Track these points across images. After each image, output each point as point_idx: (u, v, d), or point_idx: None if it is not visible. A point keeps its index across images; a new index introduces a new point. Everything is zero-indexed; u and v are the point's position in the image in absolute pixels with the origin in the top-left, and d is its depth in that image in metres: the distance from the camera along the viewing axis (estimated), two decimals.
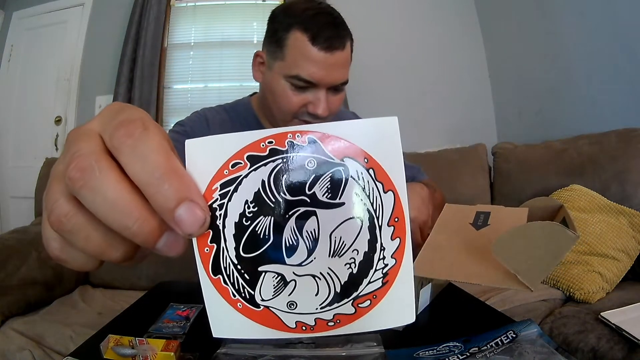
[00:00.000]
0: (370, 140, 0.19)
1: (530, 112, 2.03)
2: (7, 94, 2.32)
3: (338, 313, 0.20)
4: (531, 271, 0.40)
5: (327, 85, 0.69)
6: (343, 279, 0.20)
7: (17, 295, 1.21)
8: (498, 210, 0.56)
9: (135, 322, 0.55)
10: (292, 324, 0.20)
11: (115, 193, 0.17)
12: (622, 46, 1.50)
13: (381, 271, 0.20)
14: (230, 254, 0.19)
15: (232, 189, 0.19)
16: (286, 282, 0.20)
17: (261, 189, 0.19)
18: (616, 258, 1.19)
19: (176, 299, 0.60)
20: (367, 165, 0.19)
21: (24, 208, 2.08)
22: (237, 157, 0.19)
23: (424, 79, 2.29)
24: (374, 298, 0.20)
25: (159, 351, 0.42)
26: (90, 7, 2.28)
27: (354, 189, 0.19)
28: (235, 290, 0.20)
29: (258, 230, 0.19)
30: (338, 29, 0.68)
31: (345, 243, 0.19)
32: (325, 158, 0.19)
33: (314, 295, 0.20)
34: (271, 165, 0.19)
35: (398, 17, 2.32)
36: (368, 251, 0.20)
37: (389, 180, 0.19)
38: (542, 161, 1.54)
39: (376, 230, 0.19)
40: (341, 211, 0.19)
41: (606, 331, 0.91)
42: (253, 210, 0.19)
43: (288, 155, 0.19)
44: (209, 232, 0.19)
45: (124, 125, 0.17)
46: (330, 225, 0.19)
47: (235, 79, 2.28)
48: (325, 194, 0.19)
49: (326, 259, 0.20)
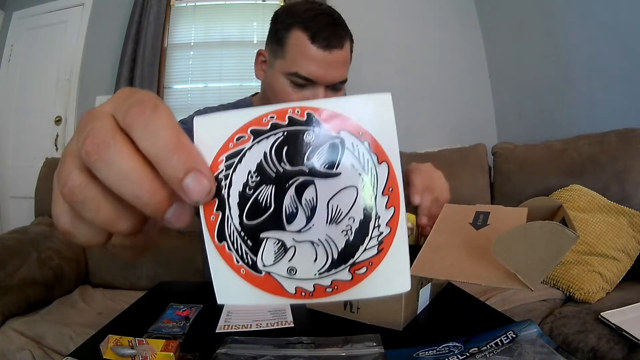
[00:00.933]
0: (365, 115, 0.20)
1: (530, 112, 2.03)
2: (7, 94, 2.33)
3: (336, 279, 0.21)
4: (531, 271, 0.40)
5: (326, 83, 0.71)
6: (340, 246, 0.21)
7: (17, 295, 1.21)
8: (497, 210, 0.56)
9: (135, 322, 0.55)
10: (292, 289, 0.21)
11: (129, 166, 0.18)
12: (622, 46, 1.50)
13: (377, 239, 0.21)
14: (234, 221, 0.20)
15: (236, 160, 0.20)
16: (286, 248, 0.21)
17: (263, 160, 0.20)
18: (616, 258, 1.19)
19: (176, 299, 0.61)
20: (362, 138, 0.20)
21: (24, 208, 2.08)
22: (241, 131, 0.20)
23: (424, 79, 2.29)
24: (370, 265, 0.21)
25: (159, 351, 0.42)
26: (90, 7, 2.28)
27: (350, 160, 0.20)
28: (239, 256, 0.21)
29: (260, 199, 0.20)
30: (337, 29, 0.70)
31: (342, 211, 0.20)
32: (322, 131, 0.20)
33: (312, 262, 0.21)
34: (272, 138, 0.20)
35: (398, 17, 2.32)
36: (364, 219, 0.20)
37: (383, 152, 0.20)
38: (542, 161, 1.54)
39: (371, 199, 0.20)
40: (338, 180, 0.20)
41: (606, 331, 0.91)
42: (256, 180, 0.20)
43: (288, 129, 0.20)
44: (215, 200, 0.20)
45: (135, 105, 0.19)
46: (328, 194, 0.20)
47: (235, 79, 2.28)
48: (323, 164, 0.20)
49: (324, 226, 0.21)
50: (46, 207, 1.68)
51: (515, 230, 0.43)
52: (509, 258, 0.41)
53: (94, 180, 0.19)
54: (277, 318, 0.55)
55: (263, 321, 0.54)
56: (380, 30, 2.22)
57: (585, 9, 1.64)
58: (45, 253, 1.39)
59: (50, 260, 1.39)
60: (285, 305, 0.58)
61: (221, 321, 0.54)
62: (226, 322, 0.54)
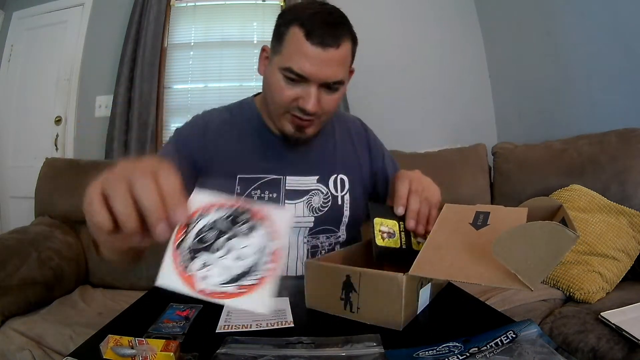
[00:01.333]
0: (277, 218, 0.39)
1: (530, 112, 2.03)
2: (7, 94, 2.33)
3: (226, 291, 0.36)
4: (531, 271, 0.40)
5: (319, 82, 0.70)
6: (237, 273, 0.37)
7: (17, 295, 1.21)
8: (498, 210, 0.56)
9: (135, 322, 0.55)
10: (201, 287, 0.36)
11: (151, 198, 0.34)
12: (622, 46, 1.50)
13: (257, 275, 0.36)
14: (189, 241, 0.37)
15: (201, 217, 0.38)
16: (207, 264, 0.37)
17: (215, 221, 0.38)
18: (616, 258, 1.19)
19: (176, 299, 0.60)
20: (269, 228, 0.38)
21: (24, 208, 2.08)
22: (212, 205, 0.39)
23: (424, 79, 2.29)
24: (248, 288, 0.36)
25: (159, 351, 0.42)
26: (90, 7, 2.28)
27: (259, 233, 0.38)
28: (182, 260, 0.37)
29: (206, 236, 0.38)
30: (334, 28, 0.70)
31: (246, 255, 0.37)
32: (249, 216, 0.39)
33: (219, 276, 0.36)
34: (223, 212, 0.39)
35: (398, 17, 2.32)
36: (255, 264, 0.37)
37: (277, 236, 0.38)
38: (542, 161, 1.54)
39: (262, 256, 0.37)
40: (249, 240, 0.38)
41: (606, 331, 0.91)
42: (208, 228, 0.38)
43: (230, 212, 0.39)
44: (186, 227, 0.37)
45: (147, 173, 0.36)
46: (241, 245, 0.38)
47: (235, 79, 2.29)
48: (245, 230, 0.38)
49: (233, 259, 0.37)
50: (46, 207, 1.68)
51: (515, 231, 0.43)
52: (509, 258, 0.41)
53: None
54: (277, 318, 0.55)
55: (263, 321, 0.54)
56: (380, 30, 2.22)
57: (585, 9, 1.64)
58: (45, 253, 1.39)
59: (50, 260, 1.39)
60: (286, 306, 0.59)
61: (221, 321, 0.54)
62: (226, 322, 0.54)
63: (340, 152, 0.89)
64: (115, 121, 2.09)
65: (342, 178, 0.86)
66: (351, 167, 0.89)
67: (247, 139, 0.83)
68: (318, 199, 0.83)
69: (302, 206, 0.82)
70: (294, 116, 0.74)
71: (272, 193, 0.80)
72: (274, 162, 0.82)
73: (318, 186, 0.84)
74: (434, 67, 2.30)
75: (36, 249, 1.37)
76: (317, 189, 0.83)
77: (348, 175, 0.87)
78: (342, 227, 0.86)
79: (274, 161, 0.82)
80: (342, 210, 0.85)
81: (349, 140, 0.92)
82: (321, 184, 0.84)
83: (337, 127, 0.92)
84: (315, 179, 0.84)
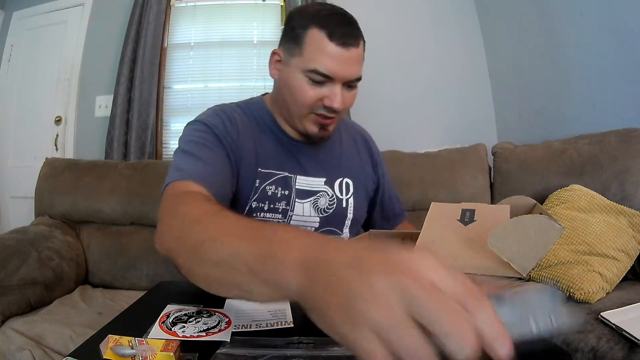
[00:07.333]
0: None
1: (530, 112, 2.03)
2: (7, 94, 2.33)
3: (195, 338, 0.48)
4: (523, 260, 0.45)
5: (343, 80, 0.72)
6: (204, 328, 0.51)
7: (17, 295, 1.21)
8: (482, 207, 0.59)
9: (135, 322, 0.55)
10: (181, 334, 0.49)
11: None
12: (622, 46, 1.50)
13: (217, 328, 0.51)
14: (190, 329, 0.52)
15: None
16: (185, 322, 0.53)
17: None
18: (616, 258, 1.19)
19: (176, 299, 0.61)
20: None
21: (24, 208, 2.09)
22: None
23: (424, 79, 2.29)
24: (206, 334, 0.50)
25: (159, 351, 0.42)
26: (90, 7, 2.28)
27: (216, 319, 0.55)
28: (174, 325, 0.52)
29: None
30: (352, 27, 0.72)
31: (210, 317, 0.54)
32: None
33: (193, 329, 0.50)
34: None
35: (398, 17, 2.32)
36: (216, 324, 0.52)
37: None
38: (542, 161, 1.54)
39: (219, 326, 0.52)
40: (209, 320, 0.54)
41: (606, 331, 0.91)
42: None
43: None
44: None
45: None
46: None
47: (235, 79, 2.29)
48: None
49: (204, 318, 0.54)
50: (46, 207, 1.68)
51: (507, 224, 0.47)
52: (502, 249, 0.46)
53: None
54: (277, 318, 0.55)
55: (263, 321, 0.54)
56: (380, 30, 2.22)
57: (585, 9, 1.64)
58: (45, 253, 1.39)
59: (50, 260, 1.39)
60: (286, 306, 0.59)
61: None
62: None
63: (346, 157, 0.91)
64: (115, 121, 2.09)
65: (347, 182, 0.88)
66: (355, 172, 0.91)
67: (263, 135, 0.83)
68: (324, 200, 0.84)
69: (309, 206, 0.83)
70: (317, 115, 0.76)
71: (284, 190, 0.81)
72: (287, 161, 0.83)
73: (325, 188, 0.85)
74: (434, 67, 2.30)
75: (36, 249, 1.37)
76: (324, 191, 0.85)
77: (352, 179, 0.89)
78: (345, 229, 0.88)
79: (286, 160, 0.83)
80: (346, 212, 0.87)
81: (355, 149, 0.95)
82: (327, 186, 0.85)
83: (343, 134, 0.94)
84: (323, 181, 0.85)
